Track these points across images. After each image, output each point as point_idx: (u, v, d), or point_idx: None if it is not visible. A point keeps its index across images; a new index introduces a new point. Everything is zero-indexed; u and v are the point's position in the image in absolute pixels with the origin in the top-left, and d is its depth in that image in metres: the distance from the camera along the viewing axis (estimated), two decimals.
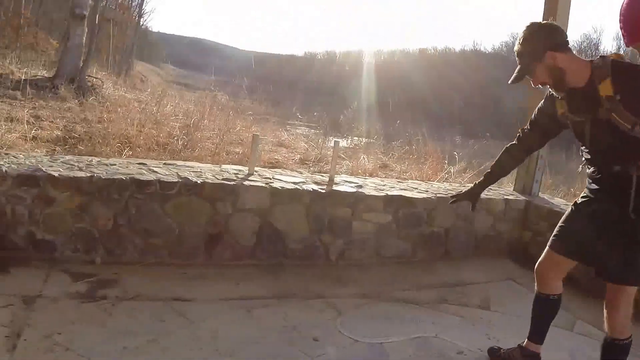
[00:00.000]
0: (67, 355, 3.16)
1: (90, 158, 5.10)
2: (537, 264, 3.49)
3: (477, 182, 3.73)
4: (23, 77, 12.56)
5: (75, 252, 4.46)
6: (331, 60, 68.64)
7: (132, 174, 4.60)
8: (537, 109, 3.38)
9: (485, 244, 5.87)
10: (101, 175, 4.45)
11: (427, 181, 7.32)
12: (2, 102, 9.94)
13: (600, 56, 2.99)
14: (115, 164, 4.91)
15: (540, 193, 6.43)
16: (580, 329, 4.31)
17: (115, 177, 4.48)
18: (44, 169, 4.37)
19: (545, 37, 3.04)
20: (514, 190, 6.38)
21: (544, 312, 3.54)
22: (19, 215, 4.25)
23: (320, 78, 54.06)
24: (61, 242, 4.41)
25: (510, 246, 6.04)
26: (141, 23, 48.38)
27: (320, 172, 7.26)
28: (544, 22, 3.18)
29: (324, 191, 5.11)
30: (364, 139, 15.36)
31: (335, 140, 6.45)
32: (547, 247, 3.42)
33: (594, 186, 3.15)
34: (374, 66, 46.33)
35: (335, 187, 5.28)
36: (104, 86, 15.26)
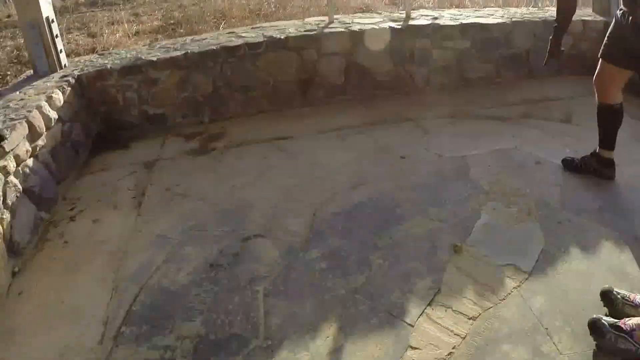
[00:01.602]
0: (185, 201, 3.47)
1: (184, 38, 5.27)
2: (594, 76, 3.41)
3: (551, 38, 3.49)
4: None
5: (185, 117, 4.77)
6: None
7: (222, 43, 4.79)
8: None
9: (568, 63, 5.48)
10: (194, 50, 4.65)
11: (504, 7, 7.02)
12: (102, 10, 10.09)
13: None
14: (206, 38, 5.09)
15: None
16: None
17: (207, 49, 4.68)
18: (143, 57, 4.64)
19: None
20: (592, 11, 5.94)
21: (609, 120, 3.43)
22: (129, 99, 4.59)
23: None
24: (170, 112, 4.73)
25: (594, 64, 5.71)
26: None
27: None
28: None
29: (400, 27, 5.05)
30: None
31: None
32: (599, 59, 3.34)
33: None
34: None
35: (411, 22, 5.19)
36: None
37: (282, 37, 4.80)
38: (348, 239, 2.95)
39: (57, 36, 4.43)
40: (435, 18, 5.39)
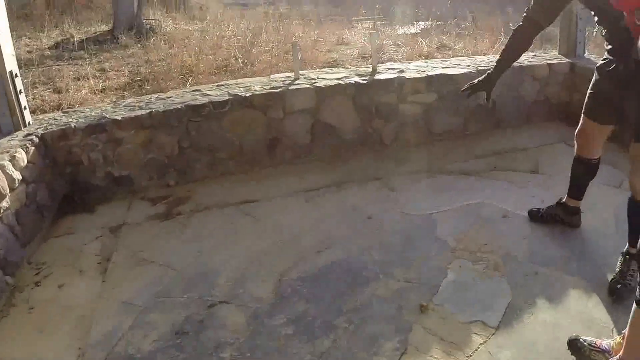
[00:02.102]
0: (150, 267, 3.58)
1: (150, 96, 5.38)
2: (577, 130, 3.47)
3: (490, 71, 3.43)
4: (84, 37, 12.76)
5: (151, 180, 4.83)
6: None
7: (187, 101, 4.88)
8: None
9: (535, 110, 5.81)
10: (159, 109, 4.74)
11: (471, 56, 7.25)
12: (68, 64, 10.17)
13: None
14: (171, 96, 5.18)
15: (587, 53, 6.20)
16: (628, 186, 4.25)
17: (171, 107, 4.77)
18: (108, 115, 4.70)
19: None
20: (558, 53, 6.18)
21: (584, 174, 3.54)
22: (94, 160, 4.63)
23: None
24: (136, 174, 4.79)
25: (561, 109, 5.96)
26: None
27: (378, 62, 7.15)
28: None
29: (366, 82, 5.23)
30: (422, 23, 15.09)
31: (370, 32, 6.51)
32: (582, 115, 3.39)
33: (609, 46, 3.05)
34: None
35: (377, 76, 5.36)
36: (163, 24, 15.29)
37: (247, 95, 4.91)
38: (314, 303, 3.07)
39: (20, 92, 4.45)
40: (402, 71, 5.57)
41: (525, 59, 6.00)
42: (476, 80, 3.45)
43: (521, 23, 3.29)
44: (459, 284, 3.18)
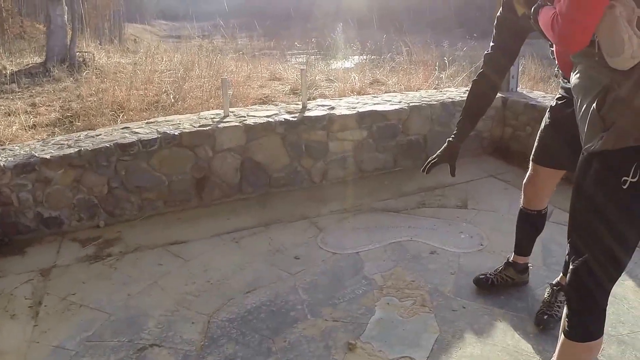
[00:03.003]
0: (81, 311, 3.54)
1: (79, 134, 5.33)
2: (525, 181, 3.28)
3: (451, 138, 3.25)
4: (16, 69, 12.61)
5: (81, 220, 4.79)
6: None
7: (116, 140, 4.86)
8: (495, 23, 3.00)
9: (466, 145, 5.76)
10: (88, 148, 4.71)
11: (403, 92, 7.44)
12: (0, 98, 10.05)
13: None
14: (100, 134, 5.15)
15: (519, 88, 6.49)
16: (556, 218, 4.34)
17: (100, 146, 4.75)
18: (37, 154, 4.63)
19: None
20: None
21: (533, 228, 3.38)
22: (24, 200, 4.56)
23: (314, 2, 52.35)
24: (66, 215, 4.74)
25: (492, 144, 6.24)
26: None
27: (309, 98, 7.30)
28: None
29: (296, 119, 5.33)
30: (357, 57, 15.37)
31: (301, 69, 6.61)
32: (530, 162, 3.20)
33: (567, 84, 2.81)
34: None
35: (307, 113, 5.46)
36: (97, 57, 15.17)
37: (176, 134, 4.93)
38: (243, 345, 3.09)
39: None
40: (332, 107, 5.70)
41: (457, 93, 6.24)
42: (436, 155, 3.26)
43: (481, 71, 3.11)
44: (386, 321, 3.26)
